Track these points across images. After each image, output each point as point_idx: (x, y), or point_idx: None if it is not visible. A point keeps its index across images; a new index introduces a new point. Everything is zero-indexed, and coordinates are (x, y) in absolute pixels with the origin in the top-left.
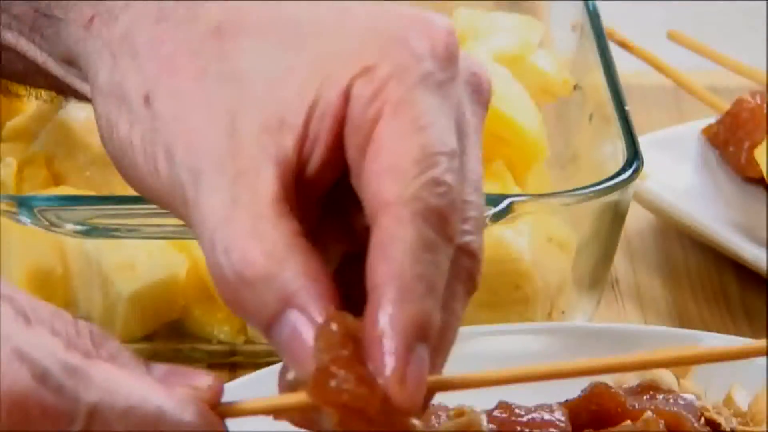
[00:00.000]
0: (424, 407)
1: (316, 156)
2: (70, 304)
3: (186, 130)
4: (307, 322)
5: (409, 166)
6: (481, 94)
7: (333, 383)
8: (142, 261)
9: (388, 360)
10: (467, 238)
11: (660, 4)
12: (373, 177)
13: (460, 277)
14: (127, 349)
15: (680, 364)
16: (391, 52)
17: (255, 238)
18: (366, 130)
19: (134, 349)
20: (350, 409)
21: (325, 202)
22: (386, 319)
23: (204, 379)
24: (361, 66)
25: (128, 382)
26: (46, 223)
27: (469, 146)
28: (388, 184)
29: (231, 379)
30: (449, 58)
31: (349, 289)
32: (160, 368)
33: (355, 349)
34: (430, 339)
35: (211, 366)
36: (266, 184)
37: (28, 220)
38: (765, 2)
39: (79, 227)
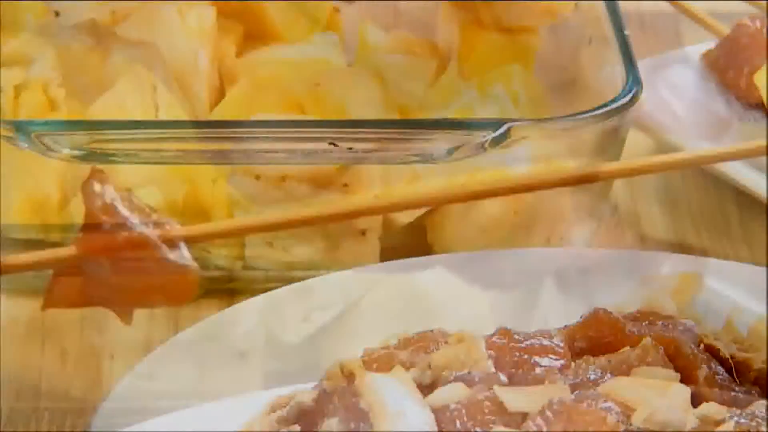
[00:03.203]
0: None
1: None
2: (67, 230)
3: None
4: None
5: None
6: None
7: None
8: (139, 186)
9: None
10: None
11: None
12: None
13: None
14: None
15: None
16: None
17: None
18: None
19: None
20: (120, 257)
21: None
22: None
23: None
24: None
25: None
26: (44, 147)
27: None
28: None
29: (229, 305)
30: None
31: None
32: None
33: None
34: None
35: (209, 292)
36: None
37: (26, 145)
38: None
39: (76, 152)
